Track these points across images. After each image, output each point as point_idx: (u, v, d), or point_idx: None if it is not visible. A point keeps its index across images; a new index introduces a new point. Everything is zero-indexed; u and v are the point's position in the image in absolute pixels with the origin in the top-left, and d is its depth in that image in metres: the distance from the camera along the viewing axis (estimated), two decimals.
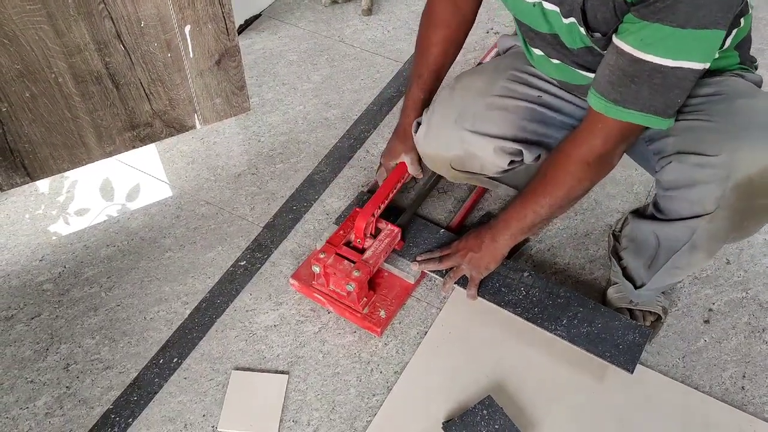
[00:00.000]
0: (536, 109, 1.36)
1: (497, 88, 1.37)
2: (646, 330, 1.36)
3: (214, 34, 1.61)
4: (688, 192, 1.10)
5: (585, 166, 1.18)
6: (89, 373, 1.39)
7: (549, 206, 1.25)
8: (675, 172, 1.12)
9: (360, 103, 1.96)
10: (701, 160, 1.07)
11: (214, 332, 1.45)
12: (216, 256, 1.59)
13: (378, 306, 1.44)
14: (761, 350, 1.41)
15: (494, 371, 1.37)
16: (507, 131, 1.34)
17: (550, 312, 1.38)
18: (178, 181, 1.77)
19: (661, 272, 1.26)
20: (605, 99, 1.08)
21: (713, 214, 1.09)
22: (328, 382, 1.37)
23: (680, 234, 1.16)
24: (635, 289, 1.35)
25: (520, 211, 1.29)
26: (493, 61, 1.53)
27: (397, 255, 1.49)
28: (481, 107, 1.36)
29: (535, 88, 1.38)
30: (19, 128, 1.51)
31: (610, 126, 1.11)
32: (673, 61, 0.99)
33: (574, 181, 1.20)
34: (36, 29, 1.39)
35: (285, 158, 1.81)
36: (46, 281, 1.55)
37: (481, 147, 1.35)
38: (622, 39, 1.03)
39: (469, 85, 1.40)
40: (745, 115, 1.08)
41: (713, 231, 1.12)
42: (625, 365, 1.31)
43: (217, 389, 1.36)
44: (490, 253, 1.38)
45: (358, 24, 2.25)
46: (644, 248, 1.27)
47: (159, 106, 1.67)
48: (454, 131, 1.36)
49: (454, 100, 1.38)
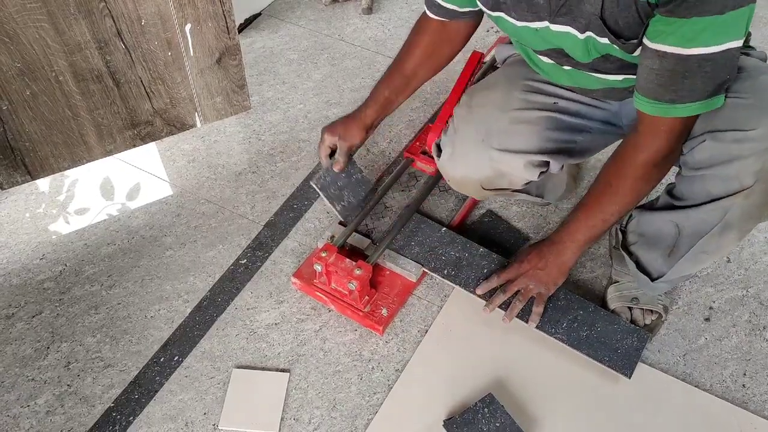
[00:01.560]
0: (556, 117, 1.34)
1: (515, 101, 1.35)
2: (645, 334, 1.36)
3: (214, 33, 1.61)
4: (723, 168, 1.10)
5: (652, 169, 1.16)
6: (90, 371, 1.39)
7: (618, 213, 1.23)
8: (709, 150, 1.11)
9: (360, 101, 1.94)
10: (738, 136, 1.07)
11: (214, 330, 1.45)
12: (217, 255, 1.59)
13: (380, 304, 1.44)
14: (762, 348, 1.41)
15: (495, 370, 1.37)
16: (534, 145, 1.32)
17: (550, 315, 1.38)
18: (179, 179, 1.77)
19: (685, 260, 1.25)
20: (660, 102, 1.06)
21: (750, 189, 1.09)
22: (329, 380, 1.37)
23: (709, 216, 1.16)
24: (652, 282, 1.34)
25: (585, 222, 1.27)
26: (501, 72, 1.48)
27: (398, 253, 1.49)
28: (505, 123, 1.33)
29: (550, 95, 1.36)
30: (19, 126, 1.51)
31: (670, 125, 1.10)
32: (719, 46, 0.98)
33: (644, 185, 1.19)
34: (36, 27, 1.39)
35: (286, 157, 1.81)
36: (46, 279, 1.55)
37: (511, 164, 1.32)
38: (661, 41, 1.01)
39: (486, 101, 1.37)
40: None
41: (748, 208, 1.12)
42: (623, 370, 1.31)
43: (218, 387, 1.36)
44: (557, 268, 1.34)
45: (359, 23, 2.25)
46: (660, 240, 1.27)
47: (159, 105, 1.67)
48: (482, 151, 1.32)
49: (474, 119, 1.35)
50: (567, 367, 1.37)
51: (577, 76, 1.27)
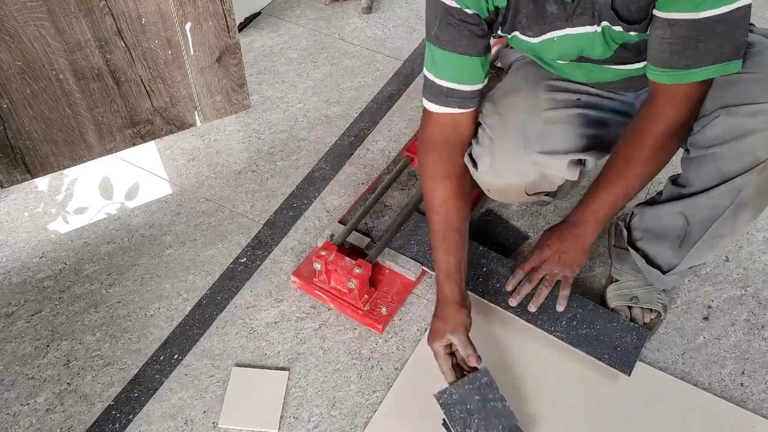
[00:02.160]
0: (583, 113, 1.34)
1: (542, 102, 1.33)
2: (644, 332, 1.37)
3: (214, 31, 1.62)
4: (737, 144, 1.09)
5: (671, 138, 1.15)
6: (90, 369, 1.40)
7: (641, 185, 1.21)
8: (722, 125, 1.10)
9: (360, 100, 1.96)
10: (753, 109, 1.07)
11: (214, 329, 1.45)
12: (216, 253, 1.59)
13: (379, 303, 1.44)
14: (760, 347, 1.41)
15: (494, 367, 1.37)
16: (572, 143, 1.31)
17: (549, 313, 1.38)
18: (179, 178, 1.77)
19: (697, 248, 1.25)
20: (676, 69, 1.06)
21: (765, 163, 1.08)
22: (328, 379, 1.37)
23: (720, 200, 1.16)
24: (663, 275, 1.33)
25: (607, 198, 1.23)
26: (515, 75, 1.44)
27: (397, 252, 1.50)
28: (540, 126, 1.30)
29: (573, 92, 1.35)
30: (19, 125, 1.51)
31: (687, 92, 1.09)
32: (729, 5, 0.98)
33: (664, 154, 1.17)
34: (37, 26, 1.39)
35: (285, 156, 1.82)
36: (46, 278, 1.55)
37: (554, 166, 1.30)
38: (670, 9, 1.01)
39: (514, 106, 1.33)
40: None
41: (763, 183, 1.11)
42: (623, 368, 1.32)
43: (218, 386, 1.37)
44: (579, 248, 1.30)
45: (358, 22, 2.25)
46: (667, 232, 1.27)
47: (159, 103, 1.67)
48: (524, 156, 1.29)
49: (509, 125, 1.30)
50: (567, 365, 1.37)
51: (594, 70, 1.27)
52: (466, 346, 1.25)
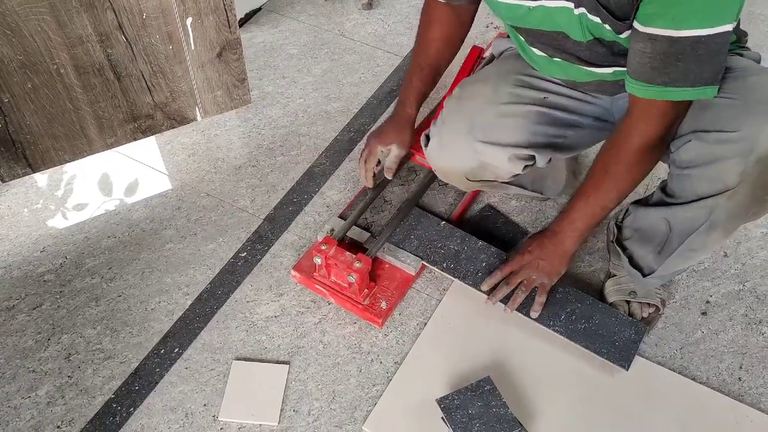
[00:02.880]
0: (544, 112, 1.35)
1: (504, 95, 1.36)
2: (642, 327, 1.37)
3: (215, 27, 1.62)
4: (708, 169, 1.10)
5: (647, 154, 1.17)
6: (90, 362, 1.40)
7: (617, 198, 1.24)
8: (693, 150, 1.11)
9: (360, 96, 1.97)
10: (722, 137, 1.07)
11: (215, 323, 1.46)
12: (217, 248, 1.60)
13: (379, 297, 1.45)
14: (758, 342, 1.42)
15: (493, 362, 1.38)
16: (519, 138, 1.33)
17: (548, 308, 1.39)
18: (179, 173, 1.77)
19: (674, 256, 1.26)
20: (653, 85, 1.07)
21: (734, 190, 1.09)
22: (328, 373, 1.38)
23: (696, 215, 1.16)
24: (643, 277, 1.35)
25: (585, 209, 1.27)
26: (494, 65, 1.50)
27: (397, 246, 1.50)
28: (492, 116, 1.34)
29: (541, 90, 1.37)
30: (20, 119, 1.51)
31: (664, 109, 1.10)
32: (711, 28, 0.99)
33: (640, 169, 1.20)
34: (38, 20, 1.39)
35: (285, 151, 1.82)
36: (47, 272, 1.56)
37: (495, 157, 1.33)
38: (651, 24, 1.02)
39: (476, 94, 1.38)
40: (760, 90, 1.09)
41: (732, 208, 1.12)
42: (621, 362, 1.33)
43: (218, 379, 1.37)
44: (558, 257, 1.34)
45: (359, 18, 2.25)
46: (652, 235, 1.28)
47: (160, 98, 1.68)
48: (467, 143, 1.34)
49: (462, 110, 1.37)
50: (565, 359, 1.38)
51: (569, 68, 1.27)
52: (396, 162, 1.49)
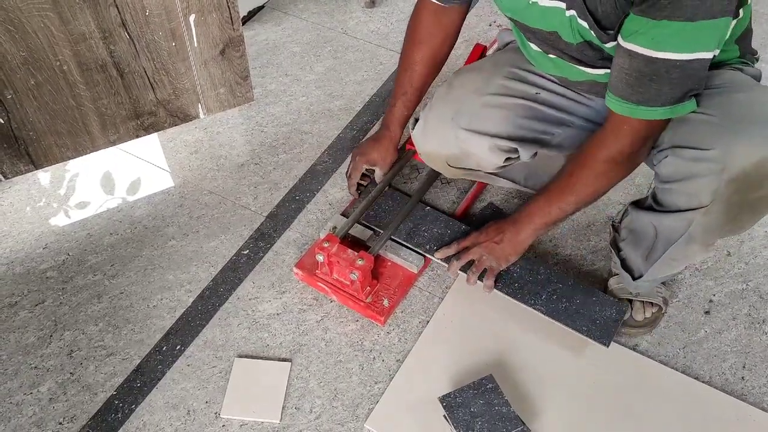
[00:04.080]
0: (533, 107, 1.37)
1: (494, 86, 1.38)
2: (623, 306, 1.38)
3: (218, 24, 1.62)
4: (684, 185, 1.11)
5: (613, 166, 1.18)
6: (93, 359, 1.40)
7: (575, 204, 1.26)
8: (671, 166, 1.12)
9: (363, 94, 1.97)
10: (696, 154, 1.08)
11: (217, 320, 1.46)
12: (219, 245, 1.59)
13: (381, 295, 1.45)
14: (761, 341, 1.42)
15: (496, 361, 1.38)
16: (502, 129, 1.35)
17: (530, 288, 1.41)
18: (182, 170, 1.77)
19: (659, 263, 1.27)
20: (627, 102, 1.08)
21: (708, 207, 1.09)
22: (330, 370, 1.38)
23: (677, 225, 1.17)
24: (633, 280, 1.35)
25: (544, 207, 1.29)
26: (491, 57, 1.52)
27: (399, 244, 1.50)
28: (477, 105, 1.36)
29: (533, 85, 1.38)
30: (23, 116, 1.51)
31: (636, 127, 1.11)
32: (689, 54, 1.00)
33: (604, 180, 1.21)
34: (41, 16, 1.39)
35: (288, 148, 1.82)
36: (49, 269, 1.56)
37: (477, 145, 1.35)
38: (632, 41, 1.03)
39: (466, 82, 1.40)
40: (741, 108, 1.09)
41: (708, 224, 1.13)
42: (601, 339, 1.34)
43: (220, 376, 1.37)
44: (512, 245, 1.37)
45: (362, 16, 2.25)
46: (642, 239, 1.28)
47: (163, 95, 1.68)
48: (450, 129, 1.36)
49: (450, 97, 1.39)
50: (568, 358, 1.38)
51: (563, 66, 1.28)
52: (380, 178, 1.58)
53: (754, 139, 1.03)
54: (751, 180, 1.04)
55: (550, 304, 1.39)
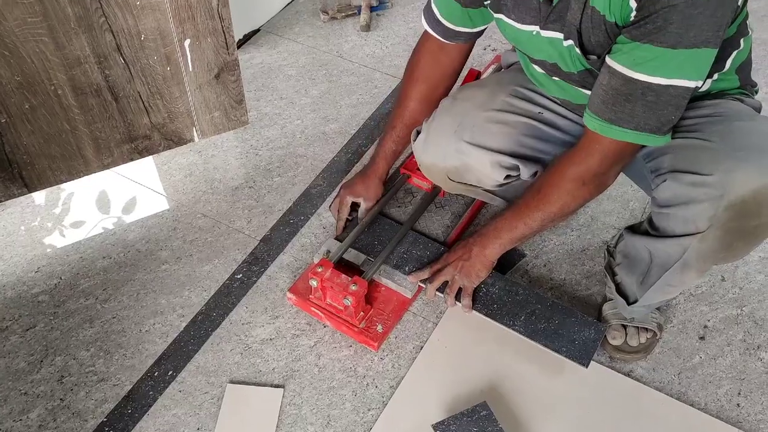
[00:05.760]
0: (536, 126, 1.37)
1: (498, 102, 1.38)
2: (602, 326, 1.38)
3: (213, 48, 1.62)
4: (682, 210, 1.11)
5: (580, 185, 1.19)
6: (83, 385, 1.39)
7: (541, 220, 1.26)
8: (670, 190, 1.13)
9: (358, 117, 1.97)
10: (695, 179, 1.08)
11: (209, 345, 1.45)
12: (212, 269, 1.59)
13: (375, 320, 1.44)
14: (756, 367, 1.41)
15: (490, 386, 1.37)
16: (505, 146, 1.35)
17: (508, 308, 1.40)
18: (176, 193, 1.77)
19: (654, 289, 1.26)
20: (600, 119, 1.09)
21: (705, 234, 1.10)
22: (323, 396, 1.37)
23: (672, 251, 1.17)
24: (628, 305, 1.35)
25: (511, 222, 1.31)
26: (496, 75, 1.54)
27: (394, 269, 1.49)
28: (481, 120, 1.36)
29: (537, 105, 1.39)
30: (17, 139, 1.51)
31: (606, 146, 1.12)
32: (666, 79, 1.01)
33: (569, 199, 1.22)
34: (37, 41, 1.40)
35: (282, 172, 1.82)
36: (41, 293, 1.55)
37: (478, 159, 1.35)
38: (615, 59, 1.04)
39: (471, 97, 1.41)
40: (741, 136, 1.09)
41: (704, 250, 1.13)
42: (580, 360, 1.33)
43: (212, 402, 1.36)
44: (479, 261, 1.38)
45: (357, 39, 2.26)
46: (637, 264, 1.28)
47: (158, 119, 1.68)
48: (452, 142, 1.36)
49: (454, 111, 1.39)
50: (562, 384, 1.37)
51: (567, 88, 1.29)
52: (364, 213, 1.56)
53: (754, 167, 1.04)
54: (748, 208, 1.05)
55: (528, 324, 1.38)
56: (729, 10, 0.97)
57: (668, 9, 0.95)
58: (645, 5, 0.97)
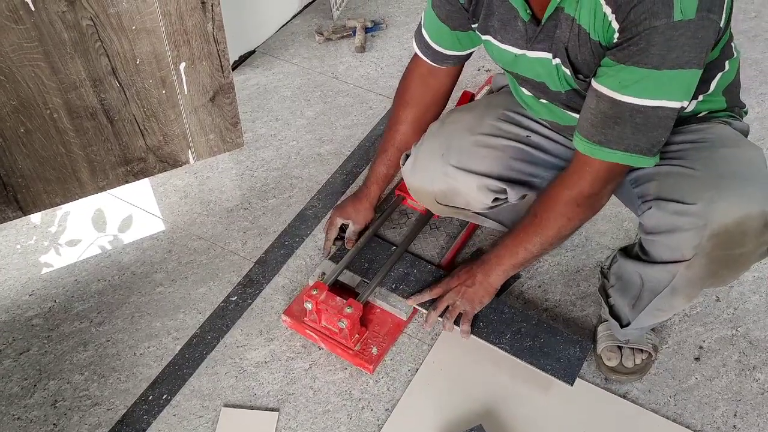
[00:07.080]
0: (524, 149, 1.38)
1: (486, 126, 1.39)
2: (587, 344, 1.38)
3: (208, 71, 1.63)
4: (667, 238, 1.12)
5: (574, 207, 1.20)
6: (77, 409, 1.38)
7: (540, 244, 1.27)
8: (655, 218, 1.14)
9: (353, 139, 1.98)
10: (679, 208, 1.09)
11: (204, 368, 1.44)
12: (207, 292, 1.59)
13: (370, 343, 1.44)
14: (752, 388, 1.41)
15: (485, 409, 1.37)
16: (492, 169, 1.36)
17: (495, 326, 1.41)
18: (171, 215, 1.77)
19: (645, 313, 1.27)
20: (590, 142, 1.10)
21: (691, 261, 1.10)
22: (318, 420, 1.36)
23: (661, 277, 1.18)
24: (621, 328, 1.35)
25: (511, 248, 1.31)
26: (485, 98, 1.55)
27: (389, 291, 1.49)
28: (468, 143, 1.38)
29: (525, 128, 1.40)
30: (12, 163, 1.51)
31: (596, 168, 1.13)
32: (652, 100, 1.02)
33: (564, 221, 1.22)
34: (32, 66, 1.40)
35: (278, 193, 1.82)
36: (35, 316, 1.54)
37: (465, 183, 1.36)
38: (601, 82, 1.06)
39: (459, 120, 1.42)
40: (725, 164, 1.10)
41: (691, 277, 1.13)
42: (566, 378, 1.33)
43: (207, 426, 1.35)
44: (483, 288, 1.38)
45: (352, 61, 2.28)
46: (629, 287, 1.28)
47: (153, 142, 1.68)
48: (439, 166, 1.38)
49: (442, 135, 1.41)
50: (558, 405, 1.36)
51: (554, 110, 1.30)
52: (354, 234, 1.58)
53: (736, 196, 1.04)
54: (732, 236, 1.05)
55: (514, 343, 1.39)
56: (711, 31, 0.98)
57: (650, 31, 0.96)
58: (627, 27, 0.99)
